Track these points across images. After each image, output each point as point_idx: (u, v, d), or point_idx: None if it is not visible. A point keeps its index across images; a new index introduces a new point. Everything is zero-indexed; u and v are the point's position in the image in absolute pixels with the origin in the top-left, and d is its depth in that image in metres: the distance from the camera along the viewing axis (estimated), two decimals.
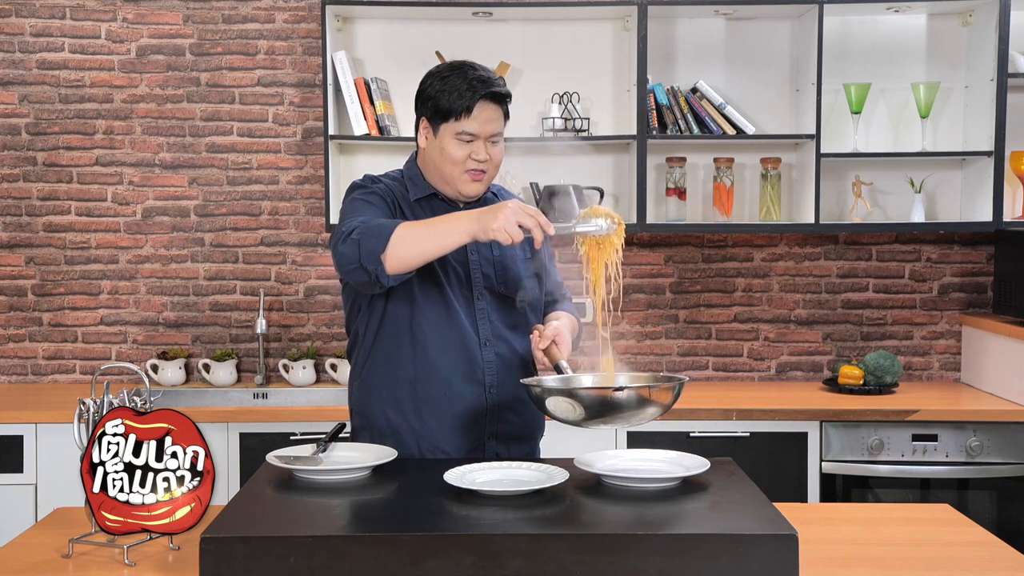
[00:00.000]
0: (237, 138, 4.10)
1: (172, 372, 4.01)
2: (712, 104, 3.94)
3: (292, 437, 3.50)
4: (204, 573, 1.74)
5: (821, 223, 3.86)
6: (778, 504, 2.02)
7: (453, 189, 2.39)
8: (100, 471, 2.02)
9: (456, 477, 2.02)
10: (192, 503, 2.07)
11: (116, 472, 2.03)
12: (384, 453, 2.21)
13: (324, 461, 2.16)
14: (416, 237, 2.15)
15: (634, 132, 3.86)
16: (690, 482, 2.06)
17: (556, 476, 2.03)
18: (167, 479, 2.06)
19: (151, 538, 2.05)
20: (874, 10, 3.98)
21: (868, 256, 4.15)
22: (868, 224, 3.94)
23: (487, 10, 3.90)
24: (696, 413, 3.54)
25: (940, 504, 2.52)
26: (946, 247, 4.15)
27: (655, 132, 3.90)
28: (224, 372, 4.00)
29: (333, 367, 4.01)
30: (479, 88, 2.31)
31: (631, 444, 3.48)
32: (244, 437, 3.55)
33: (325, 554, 1.74)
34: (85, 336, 4.12)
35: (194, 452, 2.09)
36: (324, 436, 2.28)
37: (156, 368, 4.02)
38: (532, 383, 2.16)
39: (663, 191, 4.03)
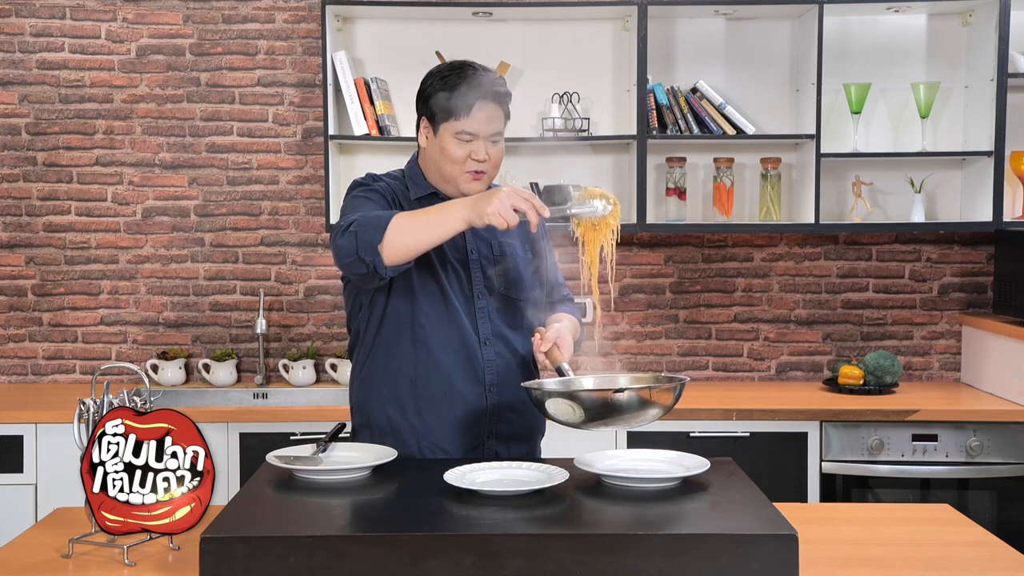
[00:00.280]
0: (237, 138, 4.10)
1: (172, 372, 4.01)
2: (712, 104, 3.94)
3: (292, 437, 3.50)
4: (204, 573, 1.74)
5: (821, 223, 3.86)
6: (778, 504, 2.02)
7: (454, 188, 2.39)
8: (100, 471, 2.02)
9: (456, 477, 2.02)
10: (192, 503, 2.06)
11: (116, 472, 2.03)
12: (384, 453, 2.21)
13: (324, 461, 2.16)
14: (412, 226, 2.15)
15: (634, 132, 3.86)
16: (690, 482, 2.06)
17: (556, 476, 2.03)
18: (167, 479, 2.06)
19: (151, 538, 2.05)
20: (874, 10, 3.98)
21: (868, 256, 4.15)
22: (868, 224, 3.94)
23: (487, 10, 3.90)
24: (696, 413, 3.54)
25: (940, 504, 2.51)
26: (946, 247, 4.15)
27: (655, 132, 3.90)
28: (224, 372, 4.00)
29: (333, 367, 4.01)
30: (479, 88, 2.32)
31: (631, 444, 3.48)
32: (244, 437, 3.55)
33: (325, 554, 1.74)
34: (85, 336, 4.12)
35: (194, 452, 2.08)
36: (324, 436, 2.28)
37: (156, 368, 4.02)
38: (532, 386, 2.15)
39: (663, 191, 4.03)
